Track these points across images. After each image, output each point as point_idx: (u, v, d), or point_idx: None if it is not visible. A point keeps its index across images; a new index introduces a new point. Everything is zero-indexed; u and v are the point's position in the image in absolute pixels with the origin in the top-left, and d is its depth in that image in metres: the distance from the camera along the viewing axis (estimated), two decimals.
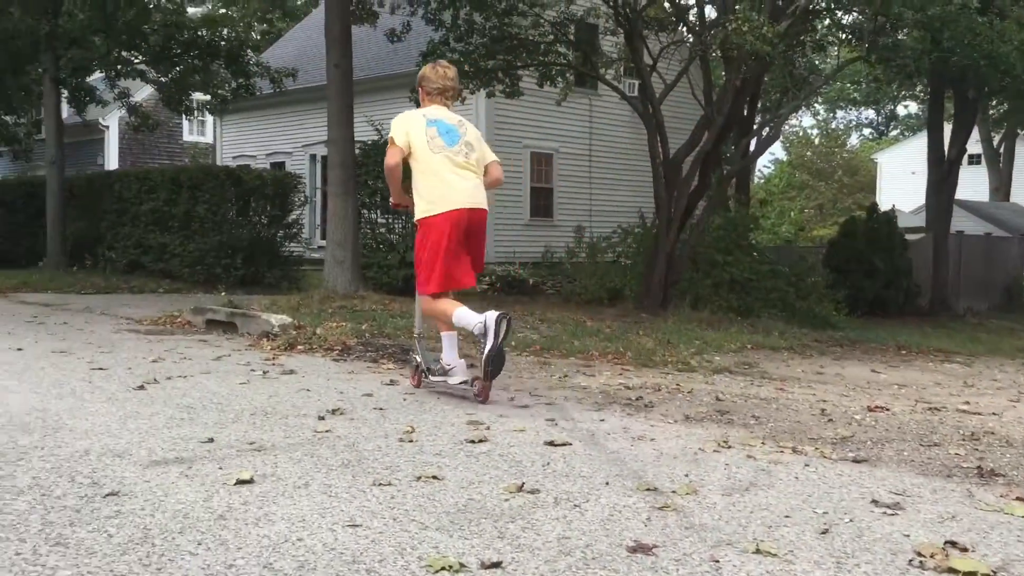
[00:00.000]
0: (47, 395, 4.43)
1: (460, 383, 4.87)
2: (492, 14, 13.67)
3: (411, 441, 3.62)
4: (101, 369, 5.40)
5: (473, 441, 3.64)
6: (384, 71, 20.54)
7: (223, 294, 10.04)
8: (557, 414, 4.44)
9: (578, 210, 21.72)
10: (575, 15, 13.67)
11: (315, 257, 20.14)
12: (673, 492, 2.95)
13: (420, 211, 4.76)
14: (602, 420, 4.31)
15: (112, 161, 27.33)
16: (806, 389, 6.27)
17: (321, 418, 4.06)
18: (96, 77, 19.56)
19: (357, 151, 11.50)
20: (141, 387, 4.75)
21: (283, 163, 23.01)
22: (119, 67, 15.97)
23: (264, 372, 5.56)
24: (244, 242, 14.32)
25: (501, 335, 4.56)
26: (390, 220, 12.64)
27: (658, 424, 4.27)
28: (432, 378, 5.02)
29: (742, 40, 10.58)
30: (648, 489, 2.97)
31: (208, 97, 17.70)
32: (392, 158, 4.78)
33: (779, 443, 3.91)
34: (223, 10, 25.08)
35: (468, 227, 4.73)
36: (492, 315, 4.55)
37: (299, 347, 7.07)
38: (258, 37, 21.36)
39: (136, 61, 16.33)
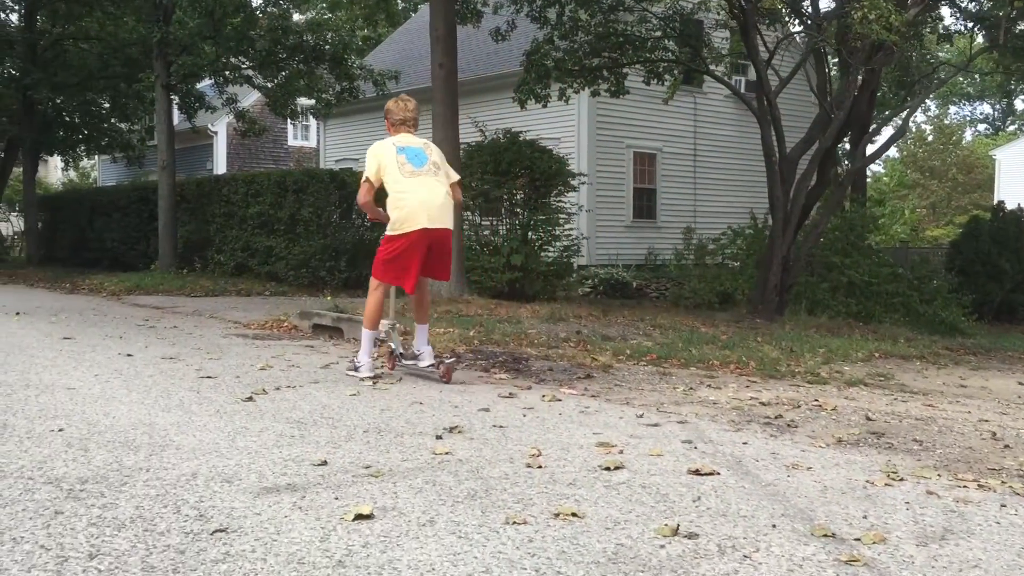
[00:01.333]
0: (154, 407, 4.26)
1: (427, 366, 5.61)
2: (597, 10, 13.28)
3: (540, 467, 3.27)
4: (209, 377, 5.24)
5: (608, 468, 3.26)
6: (487, 71, 20.33)
7: (329, 298, 9.92)
8: (692, 434, 4.02)
9: (682, 211, 21.09)
10: (684, 9, 13.13)
11: None
12: (856, 540, 2.52)
13: (389, 228, 5.44)
14: (744, 443, 3.87)
15: (220, 166, 28.03)
16: (957, 405, 5.67)
17: (439, 437, 3.75)
18: (205, 84, 20.00)
19: (460, 152, 11.26)
20: (250, 398, 4.54)
21: None
22: (227, 73, 16.20)
23: (373, 382, 5.31)
24: (348, 245, 14.29)
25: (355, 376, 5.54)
26: (493, 222, 12.37)
27: (809, 449, 3.81)
28: (405, 361, 5.79)
29: (867, 29, 9.90)
30: (825, 535, 2.54)
31: (312, 102, 17.83)
32: (363, 197, 5.50)
33: (956, 475, 3.41)
34: (327, 15, 25.34)
35: (431, 244, 5.41)
36: (366, 372, 5.56)
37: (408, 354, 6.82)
38: (360, 43, 21.44)
39: (243, 66, 16.54)
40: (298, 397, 4.67)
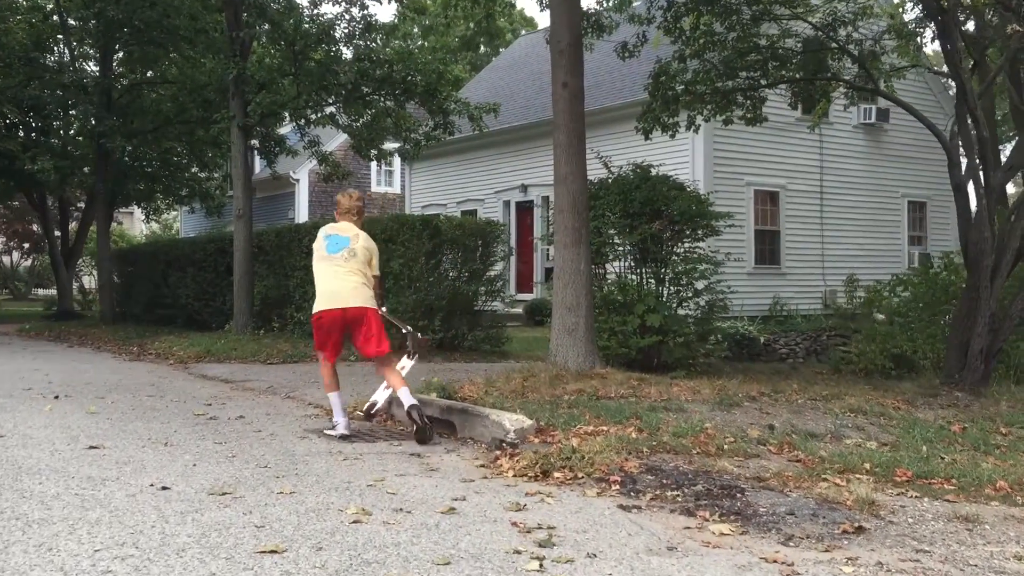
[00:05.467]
0: None
1: (340, 436, 5.89)
2: (736, 23, 11.23)
3: None
4: (274, 552, 3.24)
5: None
6: (606, 102, 18.26)
7: (435, 379, 7.92)
8: None
9: (809, 255, 18.74)
10: (843, 16, 10.97)
11: (512, 312, 18.13)
12: None
13: (314, 307, 6.13)
14: None
15: (302, 214, 26.72)
16: None
17: None
18: (286, 129, 18.57)
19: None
20: None
21: (475, 211, 21.36)
22: (308, 112, 14.62)
23: (539, 561, 3.23)
24: (442, 300, 12.38)
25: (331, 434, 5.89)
26: (623, 274, 10.29)
27: None
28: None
29: None
30: None
31: (397, 145, 16.18)
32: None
33: None
34: (416, 44, 23.85)
35: (346, 320, 6.01)
36: (343, 428, 5.93)
37: (556, 474, 4.76)
38: (454, 76, 19.78)
39: (327, 103, 14.93)
40: None
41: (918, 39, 12.01)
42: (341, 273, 5.99)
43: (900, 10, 11.38)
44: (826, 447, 5.59)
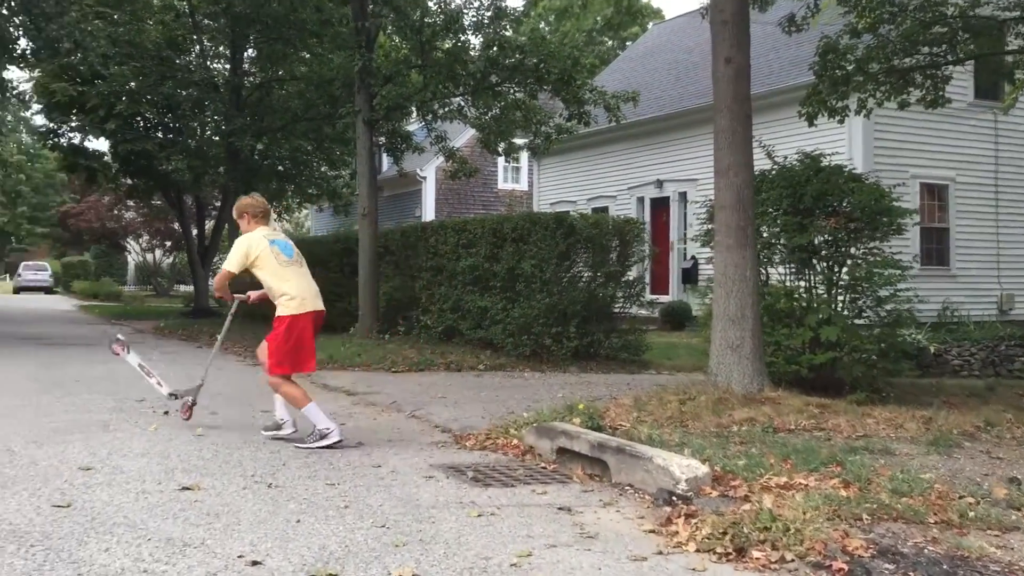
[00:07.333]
0: None
1: (291, 433, 6.09)
2: None
3: None
4: None
5: None
6: (765, 86, 16.37)
7: (580, 406, 6.86)
8: None
9: (982, 255, 16.79)
10: None
11: (644, 315, 16.91)
12: None
13: (289, 309, 5.90)
14: None
15: (429, 213, 26.24)
16: None
17: None
18: (413, 127, 17.97)
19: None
20: None
21: (606, 208, 20.24)
22: (435, 103, 13.85)
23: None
24: (578, 305, 11.35)
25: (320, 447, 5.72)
26: (786, 280, 8.98)
27: None
28: (265, 433, 6.18)
29: None
30: None
31: (524, 141, 15.26)
32: (220, 282, 6.16)
33: None
34: (549, 32, 22.87)
35: (317, 324, 6.08)
36: (335, 436, 5.75)
37: (755, 553, 3.63)
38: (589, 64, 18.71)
39: (455, 94, 14.12)
40: None
41: None
42: (308, 275, 6.11)
43: None
44: None
